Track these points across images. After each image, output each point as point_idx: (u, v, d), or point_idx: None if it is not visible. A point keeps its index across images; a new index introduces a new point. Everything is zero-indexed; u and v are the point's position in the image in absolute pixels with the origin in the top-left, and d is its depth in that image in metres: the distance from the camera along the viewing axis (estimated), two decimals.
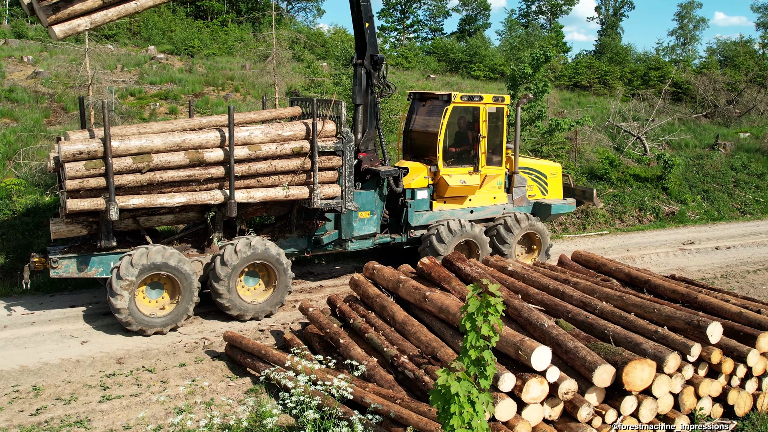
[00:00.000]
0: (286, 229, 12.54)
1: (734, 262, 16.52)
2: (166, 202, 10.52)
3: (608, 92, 39.78)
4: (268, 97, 16.21)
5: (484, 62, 45.31)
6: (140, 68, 27.81)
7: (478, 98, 13.67)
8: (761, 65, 43.31)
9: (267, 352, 8.85)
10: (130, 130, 10.84)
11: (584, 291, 9.65)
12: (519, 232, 13.95)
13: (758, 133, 30.79)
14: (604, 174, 22.80)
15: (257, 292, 11.53)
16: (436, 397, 5.56)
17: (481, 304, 5.49)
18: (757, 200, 24.20)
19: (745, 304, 9.32)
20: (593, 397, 7.30)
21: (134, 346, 10.21)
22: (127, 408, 8.24)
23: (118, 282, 10.13)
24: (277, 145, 11.12)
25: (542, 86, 20.89)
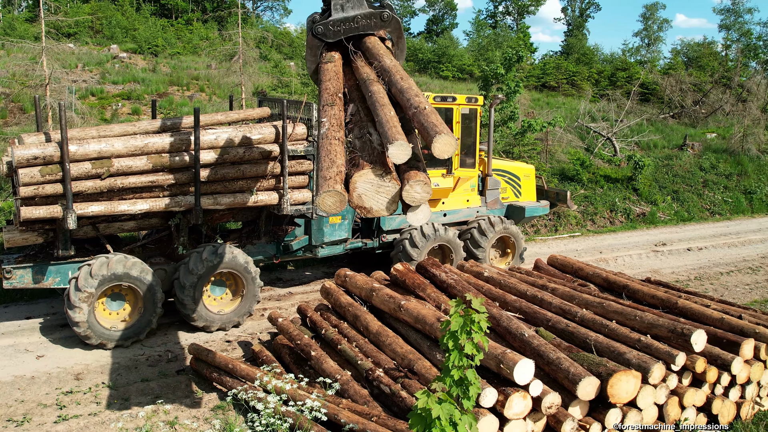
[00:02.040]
0: (254, 235, 12.11)
1: (707, 263, 16.49)
2: (127, 209, 10.02)
3: (576, 93, 39.92)
4: (234, 98, 15.74)
5: (452, 62, 45.16)
6: (102, 67, 27.07)
7: (451, 99, 13.38)
8: (725, 66, 43.86)
9: (235, 366, 8.42)
10: (90, 133, 10.32)
11: (563, 297, 9.41)
12: (493, 235, 13.69)
13: (725, 133, 31.09)
14: (575, 175, 22.74)
15: (224, 301, 11.07)
16: (416, 420, 5.22)
17: (465, 321, 5.17)
18: (726, 200, 24.36)
19: (725, 309, 9.18)
20: (577, 411, 7.04)
21: (94, 361, 9.69)
22: (85, 429, 7.75)
23: (77, 294, 9.61)
24: (245, 149, 10.68)
25: (514, 86, 20.71)
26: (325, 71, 7.32)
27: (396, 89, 6.41)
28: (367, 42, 7.61)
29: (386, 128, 5.65)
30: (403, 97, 6.19)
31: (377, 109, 6.07)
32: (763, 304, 12.96)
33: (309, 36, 7.67)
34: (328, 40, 7.62)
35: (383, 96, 6.33)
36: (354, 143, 6.02)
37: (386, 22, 7.73)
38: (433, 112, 5.75)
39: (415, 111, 5.81)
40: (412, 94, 6.12)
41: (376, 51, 7.31)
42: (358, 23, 7.66)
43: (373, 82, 6.65)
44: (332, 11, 7.64)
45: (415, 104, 5.89)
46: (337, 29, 7.64)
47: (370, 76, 6.84)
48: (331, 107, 6.39)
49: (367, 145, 5.92)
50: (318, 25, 7.58)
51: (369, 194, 5.50)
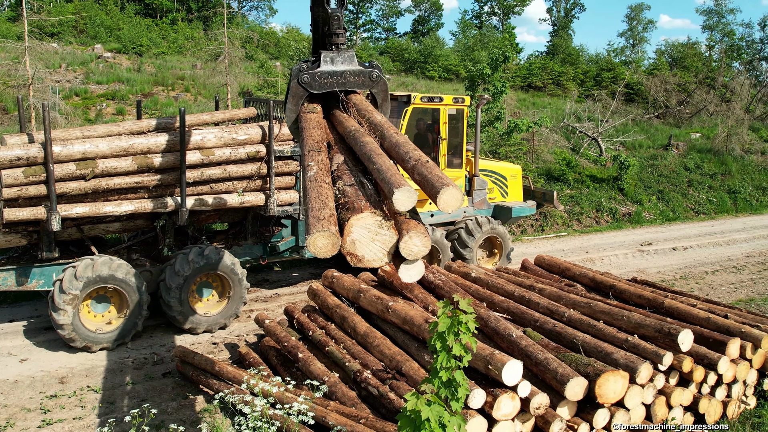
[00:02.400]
0: (240, 236, 12.03)
1: (692, 263, 16.59)
2: (112, 211, 9.93)
3: (562, 93, 40.10)
4: (220, 98, 15.65)
5: (438, 62, 45.25)
6: (86, 67, 26.87)
7: (438, 99, 13.37)
8: (709, 67, 44.21)
9: (221, 368, 8.35)
10: (74, 133, 10.21)
11: (550, 297, 9.42)
12: (480, 236, 13.70)
13: (709, 133, 31.33)
14: (561, 175, 22.81)
15: (210, 303, 11.00)
16: (405, 422, 5.20)
17: (452, 323, 5.16)
18: (711, 200, 24.53)
19: (711, 309, 9.23)
20: (565, 411, 7.04)
21: (78, 364, 9.58)
22: None
23: (61, 296, 9.51)
24: (232, 150, 10.61)
25: (501, 87, 20.75)
26: (307, 120, 7.26)
27: (390, 143, 6.19)
28: (353, 98, 7.58)
29: (388, 174, 5.37)
30: (400, 151, 5.95)
31: (373, 158, 5.81)
32: (747, 303, 13.05)
33: (294, 84, 7.59)
34: (313, 90, 7.57)
35: (377, 146, 6.13)
36: (345, 191, 5.71)
37: (374, 83, 7.74)
38: (434, 165, 5.55)
39: (415, 163, 5.57)
40: (410, 147, 5.90)
41: (363, 107, 7.27)
42: (346, 79, 7.65)
43: (363, 134, 6.50)
44: (321, 63, 7.61)
45: (415, 157, 5.65)
46: (324, 81, 7.60)
47: (358, 129, 6.70)
48: (318, 153, 6.22)
49: (361, 192, 5.62)
50: (305, 75, 7.51)
51: (363, 241, 5.14)
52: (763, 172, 27.57)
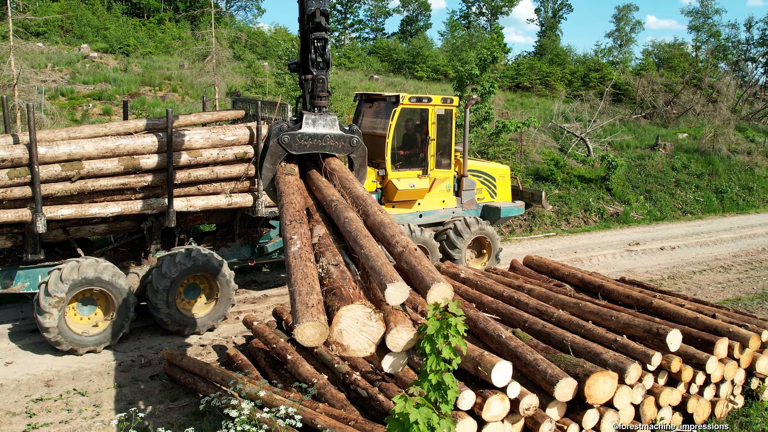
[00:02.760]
0: (228, 237, 11.97)
1: (680, 262, 16.66)
2: (98, 212, 9.85)
3: (550, 93, 40.22)
4: (207, 98, 15.57)
5: (427, 63, 45.27)
6: (72, 67, 26.66)
7: (427, 100, 13.35)
8: (696, 67, 44.48)
9: (209, 370, 8.30)
10: (59, 134, 10.11)
11: (539, 298, 9.42)
12: (469, 236, 13.69)
13: (696, 133, 31.51)
14: (549, 175, 22.86)
15: (198, 305, 10.92)
16: (393, 425, 5.17)
17: (442, 325, 5.12)
18: (698, 200, 24.67)
19: (699, 309, 9.25)
20: (554, 412, 7.03)
21: (65, 367, 9.49)
22: None
23: (47, 299, 9.41)
24: (219, 151, 10.55)
25: (489, 87, 20.77)
26: (286, 182, 7.26)
27: (374, 221, 6.17)
28: (333, 163, 7.63)
29: (378, 264, 5.29)
30: (386, 233, 5.93)
31: (360, 240, 5.76)
32: (735, 303, 13.12)
33: (273, 143, 7.64)
34: (292, 151, 7.64)
35: (362, 225, 6.12)
36: (329, 271, 5.63)
37: (354, 148, 7.88)
38: (422, 254, 5.53)
39: (403, 250, 5.55)
40: (396, 231, 5.89)
41: (343, 175, 7.30)
42: (326, 142, 7.75)
43: (346, 208, 6.48)
44: (303, 124, 7.68)
45: (402, 242, 5.65)
46: (304, 143, 7.68)
47: (340, 201, 6.70)
48: (300, 224, 6.19)
49: (348, 274, 5.57)
50: (285, 135, 7.58)
51: (351, 331, 5.07)
52: (750, 172, 27.77)
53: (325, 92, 7.90)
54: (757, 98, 43.79)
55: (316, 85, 7.89)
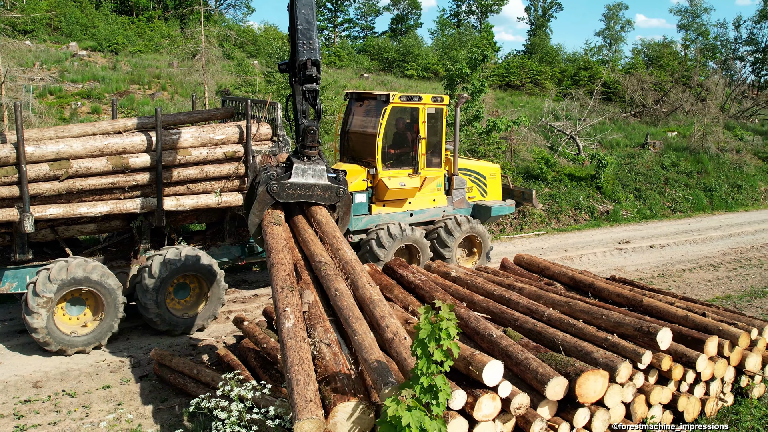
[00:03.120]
0: (218, 236, 11.91)
1: (669, 260, 16.72)
2: (87, 212, 9.78)
3: (540, 92, 40.30)
4: (197, 97, 15.48)
5: (417, 61, 45.26)
6: (60, 66, 26.50)
7: (417, 98, 13.32)
8: (685, 66, 44.68)
9: (199, 371, 8.26)
10: (47, 133, 10.04)
11: (530, 297, 9.42)
12: (460, 235, 13.68)
13: (685, 132, 31.64)
14: (539, 174, 22.90)
15: (188, 305, 10.86)
16: (385, 428, 5.15)
17: (434, 329, 5.10)
18: (687, 198, 24.78)
19: (689, 307, 9.28)
20: (546, 411, 7.02)
21: (53, 368, 9.42)
22: None
23: (35, 299, 9.33)
24: (209, 150, 10.50)
25: (479, 86, 20.77)
26: (274, 235, 7.43)
27: (363, 295, 6.35)
28: (319, 215, 7.88)
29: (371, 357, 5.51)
30: (375, 313, 6.08)
31: (352, 323, 5.95)
32: (724, 301, 13.17)
33: (262, 191, 7.83)
34: (281, 200, 7.86)
35: (353, 302, 6.28)
36: (322, 351, 5.83)
37: (340, 198, 8.14)
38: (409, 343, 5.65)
39: (393, 338, 5.73)
40: (386, 311, 6.06)
41: (330, 231, 7.53)
42: (313, 192, 8.00)
43: (336, 277, 6.64)
44: (293, 173, 7.90)
45: (393, 328, 5.84)
46: (292, 192, 7.91)
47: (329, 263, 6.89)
48: (291, 292, 6.35)
49: (340, 361, 5.77)
50: (275, 184, 7.80)
51: (343, 422, 5.39)
52: (738, 170, 27.92)
53: (315, 142, 8.12)
54: (745, 97, 44.08)
55: (306, 135, 8.12)
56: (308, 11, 8.49)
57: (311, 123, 8.21)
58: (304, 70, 8.10)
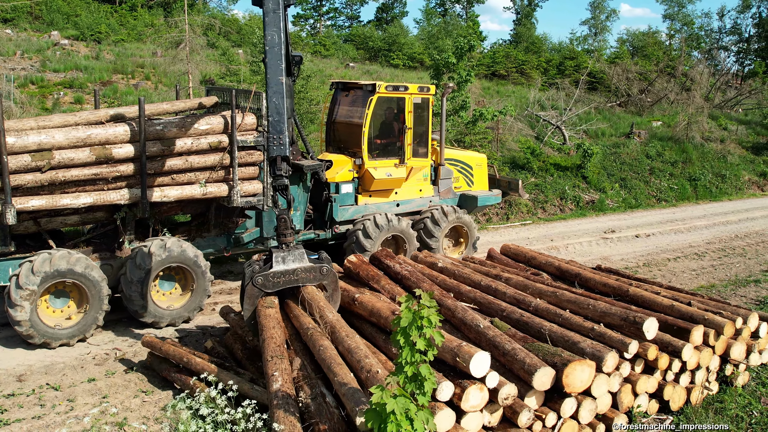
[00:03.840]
0: (203, 227, 11.82)
1: (654, 250, 16.81)
2: (70, 203, 9.65)
3: (526, 81, 40.29)
4: (181, 86, 15.32)
5: (403, 51, 45.09)
6: (42, 55, 26.15)
7: (404, 88, 13.27)
8: (670, 55, 44.84)
9: (189, 359, 8.23)
10: (28, 124, 9.87)
11: (517, 287, 9.43)
12: (446, 225, 13.67)
13: (670, 121, 31.77)
14: (525, 163, 22.93)
15: (174, 296, 10.79)
16: (370, 416, 5.13)
17: (414, 317, 5.08)
18: (672, 187, 24.91)
19: (675, 296, 9.32)
20: (533, 401, 7.04)
21: (37, 361, 9.32)
22: None
23: (18, 291, 9.22)
24: (193, 140, 10.39)
25: (465, 75, 20.71)
26: (266, 316, 7.85)
27: (344, 348, 6.94)
28: (306, 292, 8.28)
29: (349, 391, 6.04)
30: (353, 358, 6.67)
31: (333, 368, 6.51)
32: (709, 290, 13.26)
33: (249, 286, 8.23)
34: (267, 290, 8.26)
35: (335, 353, 6.85)
36: (308, 406, 6.28)
37: (325, 276, 8.49)
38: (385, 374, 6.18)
39: (368, 375, 6.29)
40: (362, 355, 6.66)
41: (316, 303, 7.96)
42: (297, 276, 8.38)
43: (320, 336, 7.19)
44: (273, 263, 8.28)
45: (367, 367, 6.41)
46: (277, 281, 8.31)
47: (315, 329, 7.41)
48: (280, 360, 6.85)
49: (324, 409, 6.27)
50: (258, 277, 8.19)
51: None
52: (722, 159, 28.09)
53: (289, 230, 8.49)
54: (729, 86, 44.31)
55: (279, 224, 8.51)
56: (279, 100, 8.67)
57: (282, 212, 8.59)
58: (274, 165, 8.54)
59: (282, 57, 8.79)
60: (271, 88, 8.70)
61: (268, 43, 8.76)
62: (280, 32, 8.89)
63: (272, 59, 8.72)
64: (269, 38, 8.77)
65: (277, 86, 8.68)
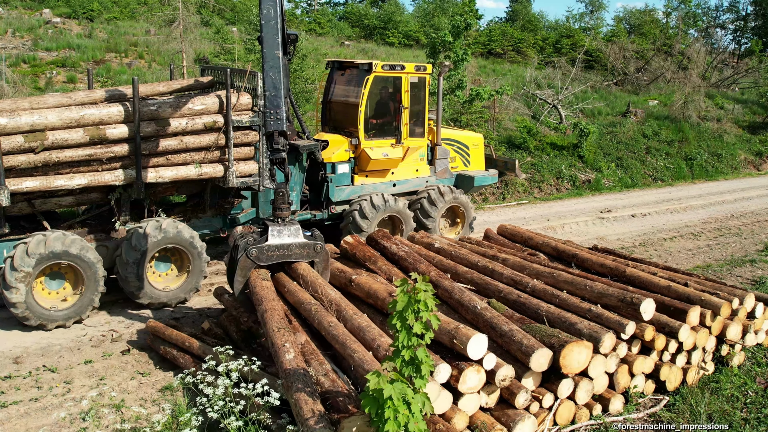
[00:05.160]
0: (199, 208, 11.75)
1: (651, 229, 16.82)
2: (64, 184, 9.58)
3: (522, 60, 40.06)
4: (175, 65, 15.16)
5: (398, 29, 44.73)
6: (34, 33, 25.86)
7: (400, 67, 13.15)
8: (667, 34, 44.59)
9: (191, 344, 8.21)
10: (21, 104, 9.76)
11: (514, 268, 9.42)
12: (443, 205, 13.63)
13: (666, 100, 31.67)
14: (522, 143, 22.85)
15: (170, 278, 10.75)
16: (368, 401, 5.13)
17: (410, 301, 5.05)
18: (668, 167, 24.88)
19: (671, 277, 9.33)
20: (530, 382, 7.06)
21: (33, 343, 9.30)
22: (25, 416, 7.41)
23: (13, 273, 9.16)
24: (188, 120, 10.30)
25: (462, 54, 20.56)
26: (264, 288, 7.93)
27: (353, 326, 6.95)
28: (300, 269, 8.36)
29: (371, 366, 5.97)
30: (366, 337, 6.69)
31: (349, 345, 6.50)
32: (705, 269, 13.28)
33: (243, 257, 8.30)
34: (261, 263, 8.38)
35: (346, 331, 6.83)
36: (320, 381, 6.23)
37: (318, 253, 8.62)
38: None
39: (386, 353, 6.15)
40: (375, 333, 6.68)
41: (312, 280, 8.06)
42: (292, 251, 8.51)
43: (327, 313, 7.22)
44: (269, 236, 8.39)
45: (384, 346, 6.38)
46: (271, 254, 8.42)
47: (316, 304, 7.46)
48: (288, 332, 6.82)
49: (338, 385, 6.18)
50: (253, 248, 8.30)
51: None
52: (719, 139, 28.04)
53: (286, 204, 8.60)
54: (726, 65, 44.15)
55: (277, 197, 8.61)
56: (275, 75, 8.67)
57: (280, 186, 8.66)
58: (271, 139, 8.61)
59: (278, 31, 8.74)
60: (267, 63, 8.66)
61: (264, 17, 8.70)
62: (276, 6, 8.82)
63: (268, 34, 8.67)
64: (265, 12, 8.71)
65: (274, 61, 8.65)
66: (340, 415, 5.67)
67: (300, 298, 7.79)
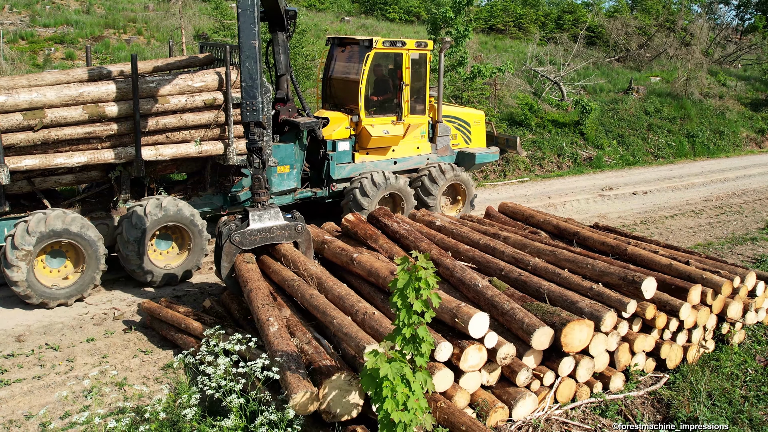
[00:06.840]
0: (199, 186, 11.72)
1: (652, 207, 16.79)
2: (64, 162, 9.54)
3: (524, 36, 39.72)
4: (174, 42, 15.03)
5: (399, 4, 44.27)
6: (31, 9, 25.59)
7: (401, 44, 13.03)
8: (669, 9, 44.15)
9: (188, 324, 8.21)
10: (20, 82, 9.70)
11: (515, 246, 9.41)
12: (444, 183, 13.59)
13: (668, 77, 31.44)
14: (523, 120, 22.73)
15: (171, 256, 10.75)
16: (366, 380, 5.14)
17: (411, 278, 5.04)
18: (669, 144, 24.78)
19: (672, 255, 9.32)
20: (531, 360, 7.08)
21: (36, 321, 9.32)
22: (29, 393, 7.45)
23: (14, 252, 9.16)
24: (188, 97, 10.23)
25: (464, 31, 20.38)
26: (249, 270, 8.17)
27: (333, 296, 7.22)
28: (283, 249, 8.62)
29: (351, 331, 6.29)
30: (345, 303, 6.96)
31: (329, 312, 6.77)
32: (706, 248, 13.27)
33: (227, 243, 8.50)
34: (245, 248, 8.56)
35: (327, 300, 7.10)
36: (304, 349, 6.50)
37: (299, 234, 8.86)
38: (382, 316, 6.59)
39: (364, 317, 6.58)
40: (354, 300, 6.98)
41: (295, 258, 8.29)
42: (274, 234, 8.71)
43: (308, 287, 7.48)
44: (250, 221, 8.56)
45: (362, 310, 6.68)
46: (254, 238, 8.61)
47: (298, 279, 7.72)
48: (272, 307, 7.11)
49: (321, 351, 6.44)
50: (236, 234, 8.48)
51: (336, 399, 5.94)
52: (721, 116, 27.90)
53: (264, 188, 8.77)
54: (729, 41, 43.77)
55: (254, 183, 8.77)
56: (252, 65, 8.56)
57: (257, 172, 8.75)
58: (248, 129, 8.66)
59: (255, 20, 8.55)
60: (244, 53, 8.55)
61: (241, 5, 8.50)
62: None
63: (245, 23, 8.52)
64: (241, 1, 8.51)
65: (251, 51, 8.54)
66: (322, 377, 5.93)
67: (284, 276, 8.01)
